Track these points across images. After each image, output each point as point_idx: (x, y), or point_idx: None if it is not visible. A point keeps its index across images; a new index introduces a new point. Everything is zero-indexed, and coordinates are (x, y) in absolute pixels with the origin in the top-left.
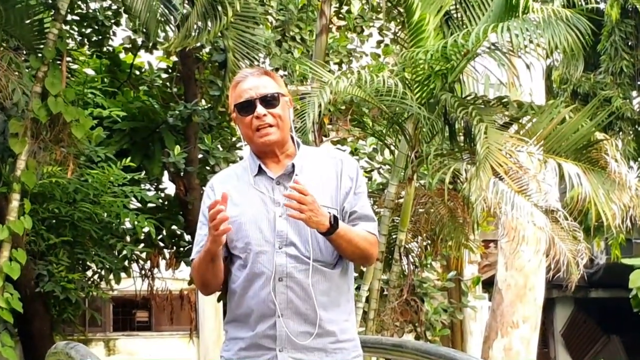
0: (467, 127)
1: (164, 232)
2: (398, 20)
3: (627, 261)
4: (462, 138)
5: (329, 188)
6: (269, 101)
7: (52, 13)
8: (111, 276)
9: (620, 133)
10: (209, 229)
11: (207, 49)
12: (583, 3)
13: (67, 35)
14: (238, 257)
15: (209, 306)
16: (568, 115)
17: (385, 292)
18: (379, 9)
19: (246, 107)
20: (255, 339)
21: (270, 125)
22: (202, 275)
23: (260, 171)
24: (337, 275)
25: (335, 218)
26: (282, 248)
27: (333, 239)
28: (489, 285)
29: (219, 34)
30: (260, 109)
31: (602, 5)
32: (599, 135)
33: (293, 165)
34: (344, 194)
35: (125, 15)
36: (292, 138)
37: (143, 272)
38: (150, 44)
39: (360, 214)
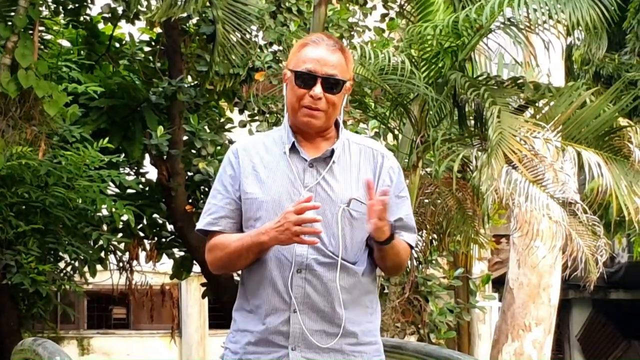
0: (478, 110)
1: (145, 221)
2: None
3: None
4: (472, 122)
5: (365, 181)
6: (332, 85)
7: None
8: (86, 268)
9: None
10: (282, 224)
11: (194, 20)
12: None
13: (41, 2)
14: None
15: (192, 303)
16: (589, 99)
17: (386, 290)
18: None
19: (305, 78)
20: (265, 334)
21: (320, 110)
22: (229, 259)
23: (293, 149)
24: (361, 272)
25: (394, 226)
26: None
27: (384, 248)
28: (499, 284)
29: (208, 4)
30: (318, 90)
31: None
32: (623, 122)
33: (332, 151)
34: (379, 192)
35: None
36: (336, 121)
37: (121, 264)
38: (132, 14)
39: (405, 223)
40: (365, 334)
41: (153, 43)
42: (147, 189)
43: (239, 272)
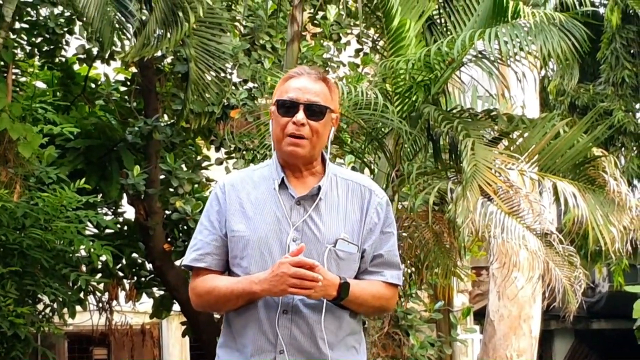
0: (452, 142)
1: (124, 261)
2: (377, 27)
3: (630, 289)
4: (447, 155)
5: (352, 220)
6: (314, 112)
7: None
8: (65, 310)
9: (623, 149)
10: (277, 275)
11: (169, 60)
12: (578, 7)
13: (15, 44)
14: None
15: (174, 342)
16: (563, 130)
17: (365, 325)
18: (356, 15)
19: (288, 107)
20: None
21: (304, 138)
22: (216, 302)
23: (282, 185)
24: (347, 314)
25: (346, 285)
26: None
27: (343, 304)
28: (481, 316)
29: (181, 43)
30: (300, 116)
31: (601, 10)
32: (597, 152)
33: (319, 188)
34: (367, 230)
35: (79, 23)
36: (322, 155)
37: (100, 305)
38: (107, 54)
39: (386, 259)
40: None
41: (128, 83)
42: (125, 228)
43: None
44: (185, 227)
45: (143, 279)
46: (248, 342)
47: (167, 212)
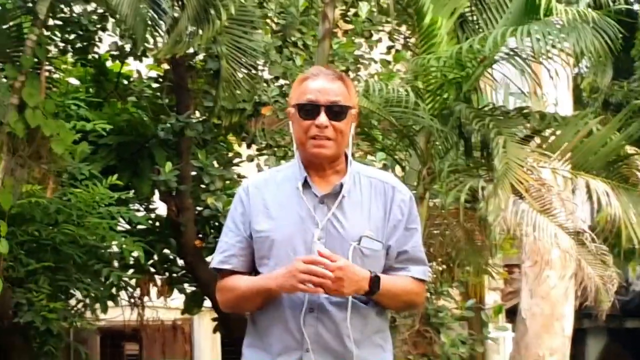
0: (484, 140)
1: (155, 257)
2: (409, 24)
3: None
4: (479, 153)
5: (376, 217)
6: (336, 112)
7: (31, 18)
8: (97, 305)
9: None
10: (289, 271)
11: (200, 56)
12: (612, 4)
13: (48, 41)
14: None
15: (205, 337)
16: (596, 127)
17: (396, 322)
18: (388, 12)
19: (309, 110)
20: None
21: (328, 139)
22: (237, 302)
23: (305, 184)
24: (373, 312)
25: (377, 279)
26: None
27: (374, 299)
28: (513, 314)
29: (212, 40)
30: (323, 118)
31: (635, 7)
32: (630, 149)
33: (341, 186)
34: (391, 227)
35: (112, 20)
36: (345, 153)
37: (132, 300)
38: (139, 51)
39: (411, 255)
40: None
41: (160, 79)
42: (156, 224)
43: None
44: (216, 224)
45: (174, 274)
46: (274, 341)
47: (198, 208)
